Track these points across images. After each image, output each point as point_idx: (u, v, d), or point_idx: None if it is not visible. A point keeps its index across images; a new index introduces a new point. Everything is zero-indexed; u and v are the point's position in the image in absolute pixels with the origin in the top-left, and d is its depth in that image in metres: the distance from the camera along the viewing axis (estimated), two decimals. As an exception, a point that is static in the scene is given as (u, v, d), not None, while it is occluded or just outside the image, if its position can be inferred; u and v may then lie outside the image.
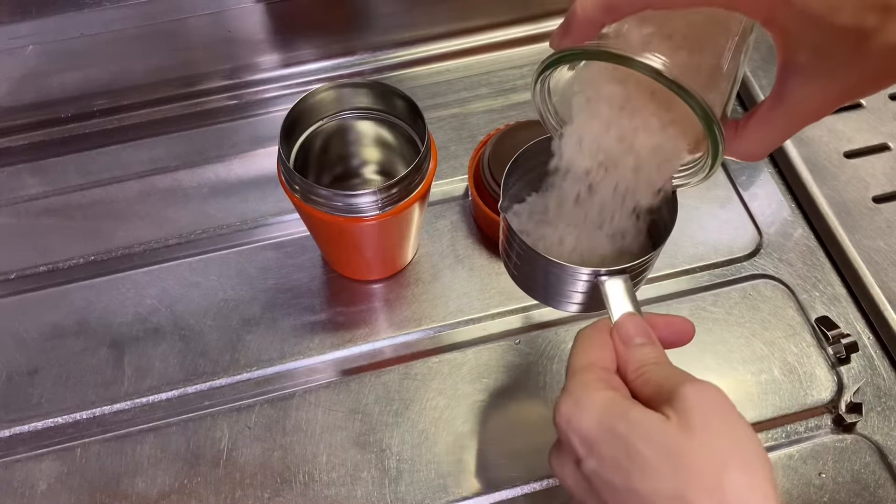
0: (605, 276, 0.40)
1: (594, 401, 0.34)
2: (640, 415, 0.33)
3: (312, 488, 0.54)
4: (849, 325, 0.60)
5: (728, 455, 0.31)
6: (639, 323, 0.38)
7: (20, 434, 0.56)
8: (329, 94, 0.55)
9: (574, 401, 0.34)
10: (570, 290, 0.42)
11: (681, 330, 0.39)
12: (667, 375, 0.35)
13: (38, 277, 0.63)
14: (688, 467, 0.31)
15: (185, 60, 0.72)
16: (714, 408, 0.32)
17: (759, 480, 0.31)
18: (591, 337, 0.38)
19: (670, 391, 0.33)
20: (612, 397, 0.34)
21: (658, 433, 0.32)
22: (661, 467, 0.31)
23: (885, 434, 0.56)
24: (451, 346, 0.60)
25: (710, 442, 0.31)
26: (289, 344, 0.60)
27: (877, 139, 0.68)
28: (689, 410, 0.32)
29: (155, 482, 0.54)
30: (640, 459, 0.31)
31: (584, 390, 0.34)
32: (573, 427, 0.34)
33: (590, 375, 0.35)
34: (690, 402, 0.32)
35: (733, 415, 0.33)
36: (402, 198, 0.52)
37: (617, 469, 0.32)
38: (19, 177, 0.68)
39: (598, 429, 0.33)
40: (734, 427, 0.32)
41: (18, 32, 0.66)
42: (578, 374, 0.36)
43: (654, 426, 0.32)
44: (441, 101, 0.72)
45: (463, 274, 0.63)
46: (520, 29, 0.77)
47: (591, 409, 0.34)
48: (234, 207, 0.66)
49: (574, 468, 0.34)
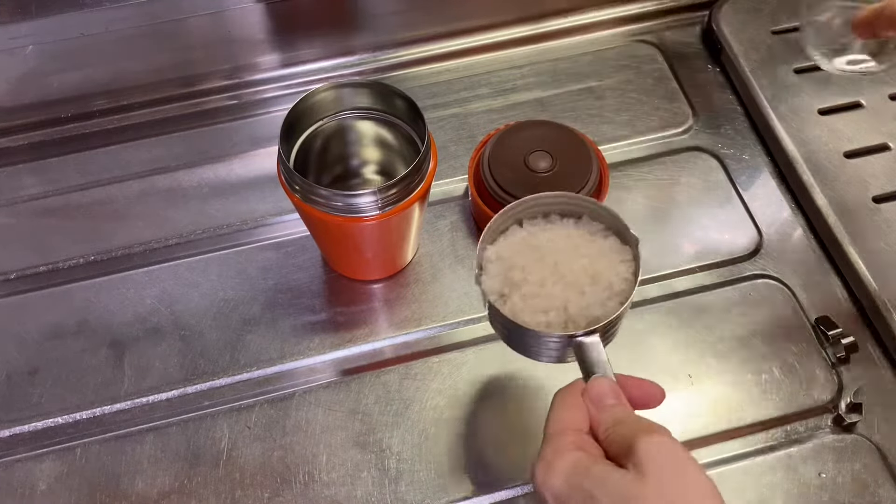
0: (580, 337, 0.43)
1: (563, 463, 0.38)
2: (600, 470, 0.37)
3: (312, 488, 0.54)
4: (849, 325, 0.60)
5: (678, 497, 0.35)
6: (609, 385, 0.42)
7: (20, 434, 0.57)
8: (329, 94, 0.56)
9: (547, 464, 0.39)
10: (548, 350, 0.45)
11: (650, 393, 0.43)
12: (628, 432, 0.38)
13: (38, 277, 0.63)
14: None
15: (185, 60, 0.72)
16: (666, 456, 0.36)
17: None
18: (566, 400, 0.42)
19: (629, 446, 0.37)
20: (579, 458, 0.38)
21: (615, 484, 0.36)
22: None
23: (885, 434, 0.56)
24: (451, 346, 0.60)
25: (661, 487, 0.35)
26: (289, 344, 0.60)
27: (877, 139, 0.67)
28: (644, 461, 0.36)
29: (155, 482, 0.54)
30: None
31: (555, 454, 0.39)
32: (547, 488, 0.38)
33: (562, 440, 0.39)
34: (644, 453, 0.36)
35: (685, 462, 0.37)
36: (402, 198, 0.52)
37: None
38: (19, 177, 0.69)
39: (566, 487, 0.37)
40: (685, 472, 0.36)
41: (18, 32, 0.66)
42: (552, 438, 0.40)
43: (612, 478, 0.36)
44: (441, 101, 0.72)
45: (463, 274, 0.63)
46: (520, 29, 0.77)
47: (561, 470, 0.38)
48: (234, 207, 0.66)
49: None
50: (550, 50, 0.76)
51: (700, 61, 0.75)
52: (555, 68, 0.74)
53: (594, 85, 0.73)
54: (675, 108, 0.72)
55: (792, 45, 0.73)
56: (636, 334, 0.60)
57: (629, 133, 0.70)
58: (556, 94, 0.72)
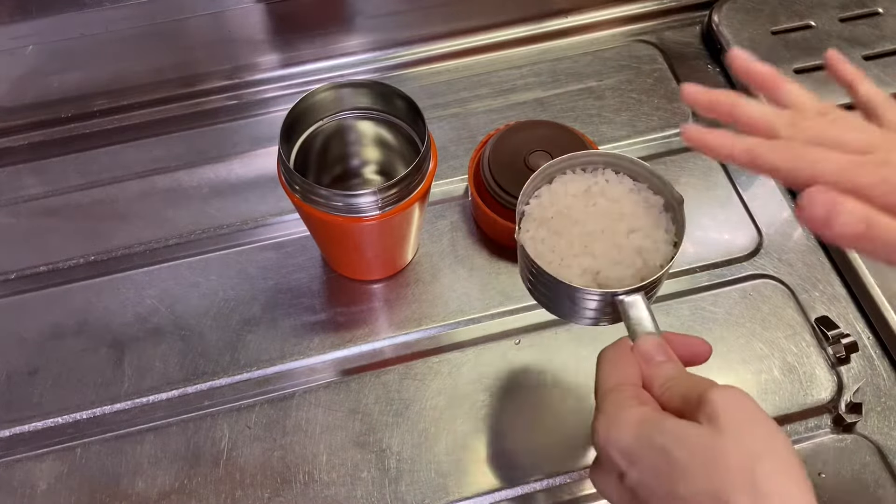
0: (623, 296, 0.42)
1: (629, 417, 0.36)
2: (673, 424, 0.35)
3: (312, 488, 0.54)
4: (849, 325, 0.60)
5: (758, 450, 0.33)
6: (658, 342, 0.40)
7: (20, 434, 0.57)
8: (329, 94, 0.55)
9: (610, 419, 0.37)
10: (588, 309, 0.44)
11: (697, 351, 0.42)
12: (690, 386, 0.37)
13: (38, 277, 0.63)
14: (722, 466, 0.33)
15: (185, 60, 0.72)
16: (740, 408, 0.34)
17: (790, 471, 0.33)
18: (616, 357, 0.40)
19: (697, 399, 0.35)
20: (646, 412, 0.36)
21: (691, 438, 0.34)
22: (698, 469, 0.33)
23: (885, 434, 0.56)
24: (451, 346, 0.60)
25: (739, 440, 0.33)
26: (289, 344, 0.60)
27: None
28: (717, 413, 0.34)
29: (155, 482, 0.54)
30: (678, 465, 0.33)
31: (618, 408, 0.37)
32: (612, 444, 0.36)
33: (621, 394, 0.38)
34: (717, 405, 0.34)
35: (759, 413, 0.35)
36: (402, 198, 0.52)
37: (658, 477, 0.34)
38: (19, 177, 0.69)
39: (636, 442, 0.35)
40: (761, 424, 0.34)
41: (18, 32, 0.66)
42: (610, 394, 0.38)
43: (687, 432, 0.34)
44: (441, 101, 0.72)
45: (463, 274, 0.63)
46: (520, 29, 0.77)
47: (628, 425, 0.36)
48: (234, 207, 0.66)
49: (617, 483, 0.37)
50: (550, 50, 0.76)
51: (700, 61, 0.75)
52: (555, 68, 0.74)
53: (594, 85, 0.73)
54: (675, 108, 0.72)
55: (792, 45, 0.73)
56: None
57: (629, 133, 0.70)
58: (556, 94, 0.72)
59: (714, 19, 0.74)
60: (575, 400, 0.57)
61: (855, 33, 0.73)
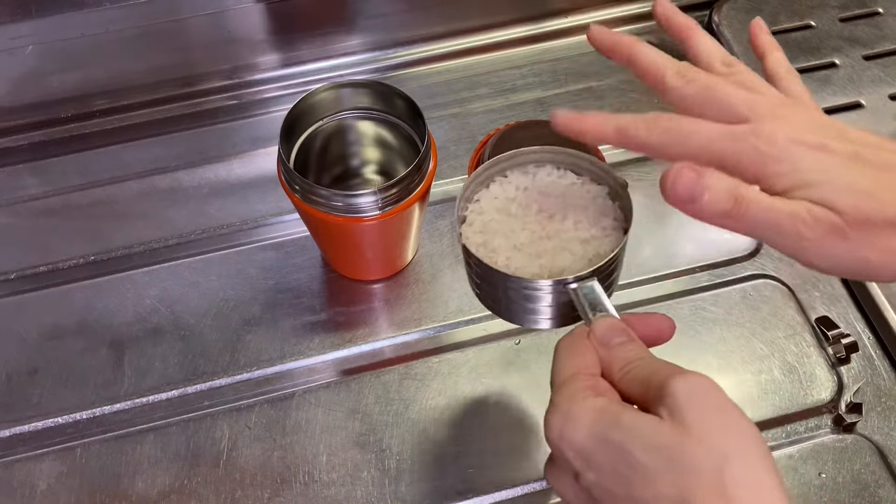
0: (575, 284, 0.40)
1: (584, 410, 0.33)
2: (632, 419, 0.32)
3: (312, 488, 0.54)
4: (849, 325, 0.60)
5: (726, 449, 0.30)
6: (614, 323, 0.37)
7: (20, 434, 0.56)
8: (329, 94, 0.56)
9: (563, 414, 0.33)
10: (543, 306, 0.42)
11: (659, 327, 0.39)
12: (652, 370, 0.34)
13: (38, 277, 0.63)
14: (687, 467, 0.30)
15: (185, 60, 0.72)
16: (706, 400, 0.32)
17: (760, 471, 0.31)
18: (571, 345, 0.37)
19: (659, 387, 0.32)
20: (602, 404, 0.33)
21: (653, 436, 0.31)
22: (661, 471, 0.30)
23: (885, 434, 0.56)
24: (451, 346, 0.60)
25: (706, 437, 0.30)
26: (289, 344, 0.60)
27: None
28: (681, 407, 0.31)
29: (155, 482, 0.54)
30: (639, 466, 0.31)
31: (571, 401, 0.34)
32: (566, 441, 0.33)
33: (576, 384, 0.34)
34: (681, 397, 0.31)
35: (727, 405, 0.32)
36: (402, 198, 0.52)
37: (616, 478, 0.31)
38: (19, 177, 0.68)
39: (591, 440, 0.32)
40: (729, 418, 0.32)
41: (18, 32, 0.66)
42: (564, 385, 0.35)
43: (647, 429, 0.31)
44: (441, 101, 0.72)
45: (463, 274, 0.62)
46: (520, 29, 0.77)
47: (582, 419, 0.33)
48: (234, 207, 0.66)
49: (572, 482, 0.34)
50: (550, 50, 0.76)
51: (700, 61, 0.75)
52: (555, 68, 0.74)
53: (594, 85, 0.73)
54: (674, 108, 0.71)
55: (792, 45, 0.73)
56: (636, 334, 0.60)
57: (629, 133, 0.70)
58: (556, 94, 0.72)
59: (714, 19, 0.74)
60: (575, 400, 0.57)
61: (855, 33, 0.73)
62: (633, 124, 0.38)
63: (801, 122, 0.37)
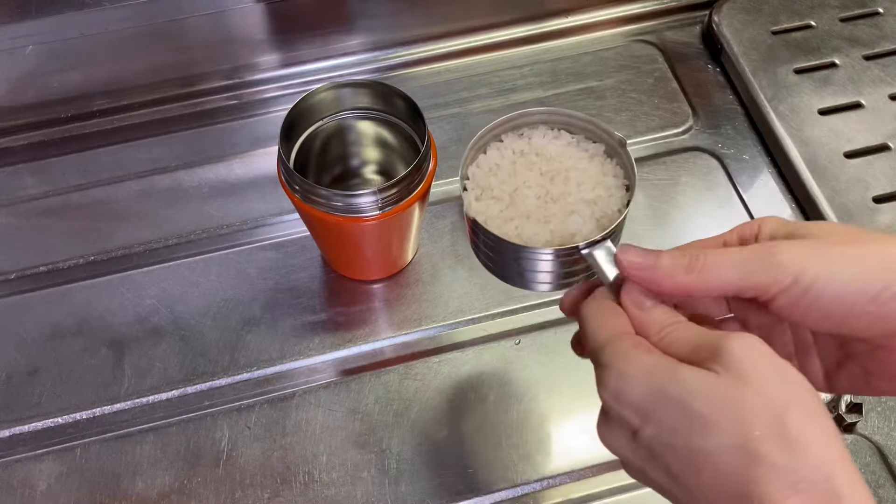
0: (589, 249, 0.40)
1: (637, 367, 0.33)
2: (689, 374, 0.32)
3: (312, 488, 0.54)
4: (849, 325, 0.60)
5: (785, 399, 0.31)
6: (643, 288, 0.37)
7: (20, 434, 0.56)
8: (329, 94, 0.56)
9: (617, 372, 0.34)
10: (550, 272, 0.43)
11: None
12: (699, 332, 0.34)
13: (38, 277, 0.63)
14: (748, 416, 0.31)
15: (185, 60, 0.72)
16: (761, 357, 0.32)
17: (819, 417, 0.31)
18: (601, 308, 0.37)
19: (712, 347, 0.33)
20: (655, 359, 0.33)
21: (711, 389, 0.31)
22: (721, 421, 0.31)
23: (885, 434, 0.56)
24: (451, 346, 0.60)
25: (765, 389, 0.31)
26: (289, 344, 0.60)
27: (877, 139, 0.67)
28: (738, 362, 0.32)
29: (155, 482, 0.54)
30: (699, 417, 0.31)
31: (624, 359, 0.34)
32: (622, 399, 0.33)
33: (621, 343, 0.35)
34: (738, 354, 0.32)
35: (780, 362, 0.32)
36: (402, 198, 0.52)
37: (677, 431, 0.32)
38: (19, 177, 0.68)
39: (649, 395, 0.33)
40: (784, 373, 0.32)
41: (18, 32, 0.66)
42: (608, 345, 0.35)
43: (706, 382, 0.32)
44: (441, 101, 0.72)
45: (463, 274, 0.63)
46: (520, 29, 0.77)
47: (637, 376, 0.33)
48: (234, 207, 0.66)
49: (630, 439, 0.34)
50: (550, 50, 0.76)
51: (700, 61, 0.75)
52: (555, 68, 0.74)
53: (594, 85, 0.73)
54: (675, 108, 0.72)
55: (792, 45, 0.73)
56: (636, 334, 0.60)
57: (629, 133, 0.70)
58: (556, 94, 0.72)
59: (714, 19, 0.74)
60: (575, 400, 0.57)
61: (855, 33, 0.73)
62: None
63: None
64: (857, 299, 0.33)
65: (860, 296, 0.33)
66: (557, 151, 0.46)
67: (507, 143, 0.47)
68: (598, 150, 0.46)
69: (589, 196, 0.44)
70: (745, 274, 0.34)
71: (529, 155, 0.46)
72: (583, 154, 0.46)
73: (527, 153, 0.46)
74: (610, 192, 0.44)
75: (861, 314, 0.34)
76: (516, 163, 0.46)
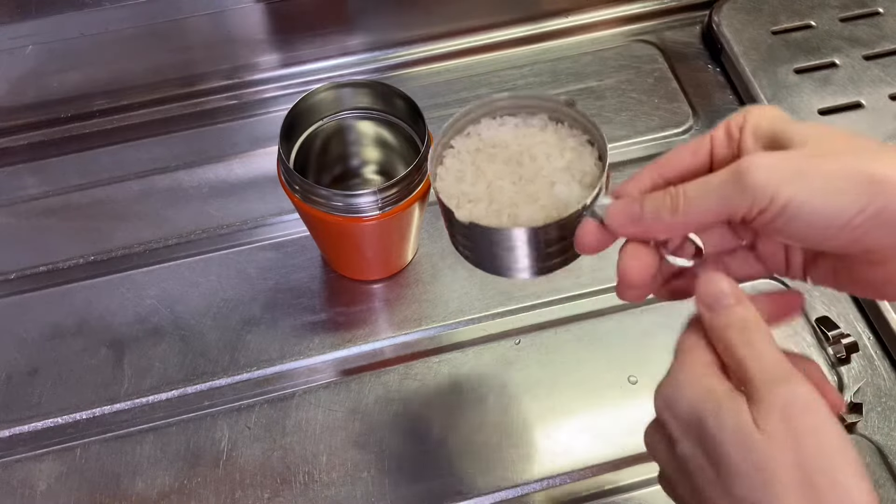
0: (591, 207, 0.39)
1: (692, 385, 0.33)
2: (729, 418, 0.32)
3: (312, 488, 0.54)
4: (849, 325, 0.60)
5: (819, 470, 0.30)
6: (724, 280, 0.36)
7: (20, 434, 0.56)
8: (329, 94, 0.56)
9: (674, 382, 0.34)
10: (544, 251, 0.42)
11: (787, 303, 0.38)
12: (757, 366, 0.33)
13: (38, 277, 0.63)
14: (776, 484, 0.30)
15: (185, 60, 0.72)
16: (807, 420, 0.31)
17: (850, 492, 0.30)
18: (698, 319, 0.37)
19: (758, 386, 0.32)
20: (711, 385, 0.33)
21: (746, 442, 0.31)
22: (750, 473, 0.31)
23: (885, 434, 0.56)
24: (451, 346, 0.60)
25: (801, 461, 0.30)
26: (289, 344, 0.60)
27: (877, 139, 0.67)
28: (780, 421, 0.31)
29: (155, 482, 0.54)
30: (728, 462, 0.31)
31: (687, 373, 0.34)
32: (670, 408, 0.34)
33: (692, 355, 0.35)
34: (781, 412, 0.31)
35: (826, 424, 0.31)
36: (402, 198, 0.52)
37: (707, 461, 0.32)
38: (19, 177, 0.68)
39: (692, 416, 0.33)
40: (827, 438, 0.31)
41: (18, 32, 0.66)
42: (681, 353, 0.35)
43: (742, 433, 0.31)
44: (441, 101, 0.72)
45: (463, 274, 0.63)
46: (520, 29, 0.77)
47: (689, 393, 0.33)
48: (234, 207, 0.66)
49: (667, 447, 0.34)
50: (550, 50, 0.76)
51: (700, 61, 0.75)
52: (555, 68, 0.74)
53: (594, 85, 0.73)
54: (675, 108, 0.72)
55: (792, 45, 0.73)
56: (637, 336, 0.60)
57: (629, 133, 0.70)
58: (556, 94, 0.72)
59: (714, 19, 0.74)
60: (575, 400, 0.57)
61: (855, 33, 0.73)
62: None
63: None
64: (831, 223, 0.33)
65: (834, 219, 0.32)
66: (510, 136, 0.46)
67: (458, 146, 0.46)
68: (544, 120, 0.46)
69: (560, 164, 0.44)
70: (724, 199, 0.34)
71: (485, 150, 0.46)
72: (534, 129, 0.45)
73: (482, 149, 0.46)
74: (577, 152, 0.44)
75: (836, 237, 0.33)
76: (476, 162, 0.45)
